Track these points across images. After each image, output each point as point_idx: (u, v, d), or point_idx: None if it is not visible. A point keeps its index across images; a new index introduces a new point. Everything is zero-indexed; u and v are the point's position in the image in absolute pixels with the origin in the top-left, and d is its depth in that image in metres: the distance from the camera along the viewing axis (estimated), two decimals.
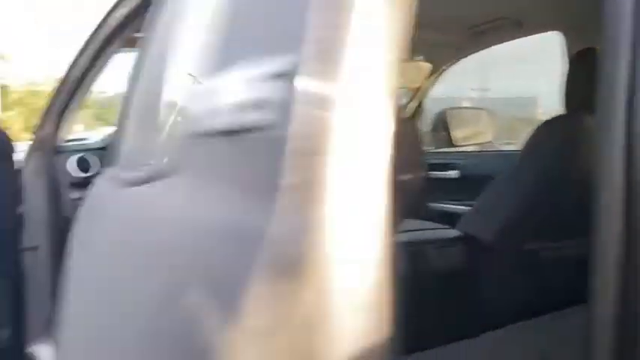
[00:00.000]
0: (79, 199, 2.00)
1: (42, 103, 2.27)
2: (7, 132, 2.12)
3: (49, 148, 2.03)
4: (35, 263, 2.04)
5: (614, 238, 0.59)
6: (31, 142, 2.13)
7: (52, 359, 2.01)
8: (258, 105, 0.64)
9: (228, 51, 0.80)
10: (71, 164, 2.17)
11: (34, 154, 2.08)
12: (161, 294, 0.76)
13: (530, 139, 1.70)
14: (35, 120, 2.21)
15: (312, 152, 0.52)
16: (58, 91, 1.99)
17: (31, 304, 2.03)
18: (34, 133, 2.11)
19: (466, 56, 2.78)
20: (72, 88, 1.95)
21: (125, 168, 1.19)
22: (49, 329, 2.03)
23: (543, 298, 1.58)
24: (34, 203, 2.03)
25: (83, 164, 2.19)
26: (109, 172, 1.30)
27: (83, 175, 2.15)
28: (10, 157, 2.04)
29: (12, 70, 17.41)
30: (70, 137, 2.34)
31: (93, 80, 1.99)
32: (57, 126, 2.03)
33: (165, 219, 0.82)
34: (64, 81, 1.97)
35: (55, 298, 1.99)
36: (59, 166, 2.10)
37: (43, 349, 2.03)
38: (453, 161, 2.98)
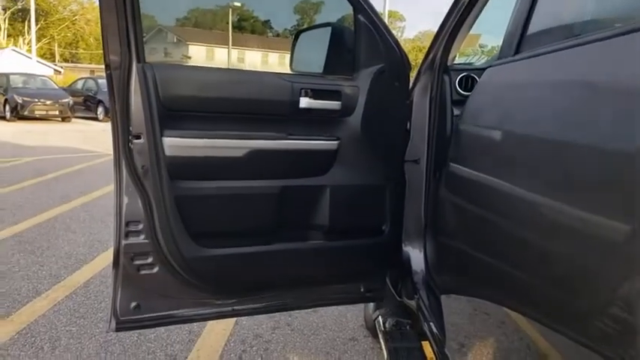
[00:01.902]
0: (459, 116, 2.09)
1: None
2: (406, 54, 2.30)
3: (438, 67, 2.14)
4: (415, 174, 2.24)
5: None
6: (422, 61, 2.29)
7: (422, 260, 2.22)
8: None
9: None
10: (456, 83, 2.25)
11: (425, 73, 2.23)
12: None
13: None
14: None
15: None
16: (449, 13, 2.06)
17: (408, 209, 2.25)
18: (426, 54, 2.26)
19: None
20: (461, 12, 2.00)
21: None
22: (421, 233, 2.23)
23: None
24: (419, 119, 2.20)
25: (466, 83, 2.26)
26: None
27: (466, 93, 2.21)
28: (407, 77, 2.22)
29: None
30: (457, 61, 2.44)
31: (483, 3, 2.00)
32: (446, 47, 2.13)
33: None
34: (454, 3, 2.03)
35: (428, 207, 2.18)
36: (445, 85, 2.20)
37: (414, 249, 2.25)
38: None
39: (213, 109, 1.95)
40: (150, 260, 1.89)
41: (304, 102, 2.01)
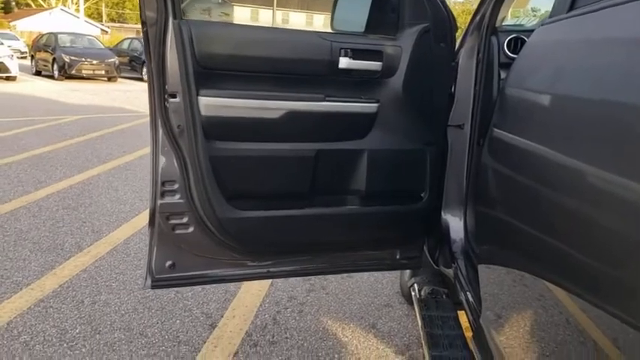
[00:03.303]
0: (505, 78, 1.98)
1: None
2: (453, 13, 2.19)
3: (485, 28, 2.03)
4: (458, 140, 2.15)
5: None
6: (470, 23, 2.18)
7: (461, 228, 2.16)
8: None
9: None
10: (504, 45, 2.14)
11: (472, 34, 2.12)
12: None
13: None
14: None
15: None
16: None
17: (449, 176, 2.18)
18: (474, 14, 2.15)
19: None
20: None
21: None
22: (462, 200, 2.16)
23: None
24: (464, 83, 2.10)
25: (515, 45, 2.14)
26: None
27: (514, 56, 2.09)
28: (453, 38, 2.10)
29: None
30: (507, 22, 2.31)
31: None
32: (494, 7, 2.01)
33: None
34: None
35: (470, 175, 2.10)
36: (493, 47, 2.09)
37: (454, 217, 2.19)
38: None
39: (249, 68, 1.90)
40: (185, 220, 1.89)
41: (344, 62, 1.93)
